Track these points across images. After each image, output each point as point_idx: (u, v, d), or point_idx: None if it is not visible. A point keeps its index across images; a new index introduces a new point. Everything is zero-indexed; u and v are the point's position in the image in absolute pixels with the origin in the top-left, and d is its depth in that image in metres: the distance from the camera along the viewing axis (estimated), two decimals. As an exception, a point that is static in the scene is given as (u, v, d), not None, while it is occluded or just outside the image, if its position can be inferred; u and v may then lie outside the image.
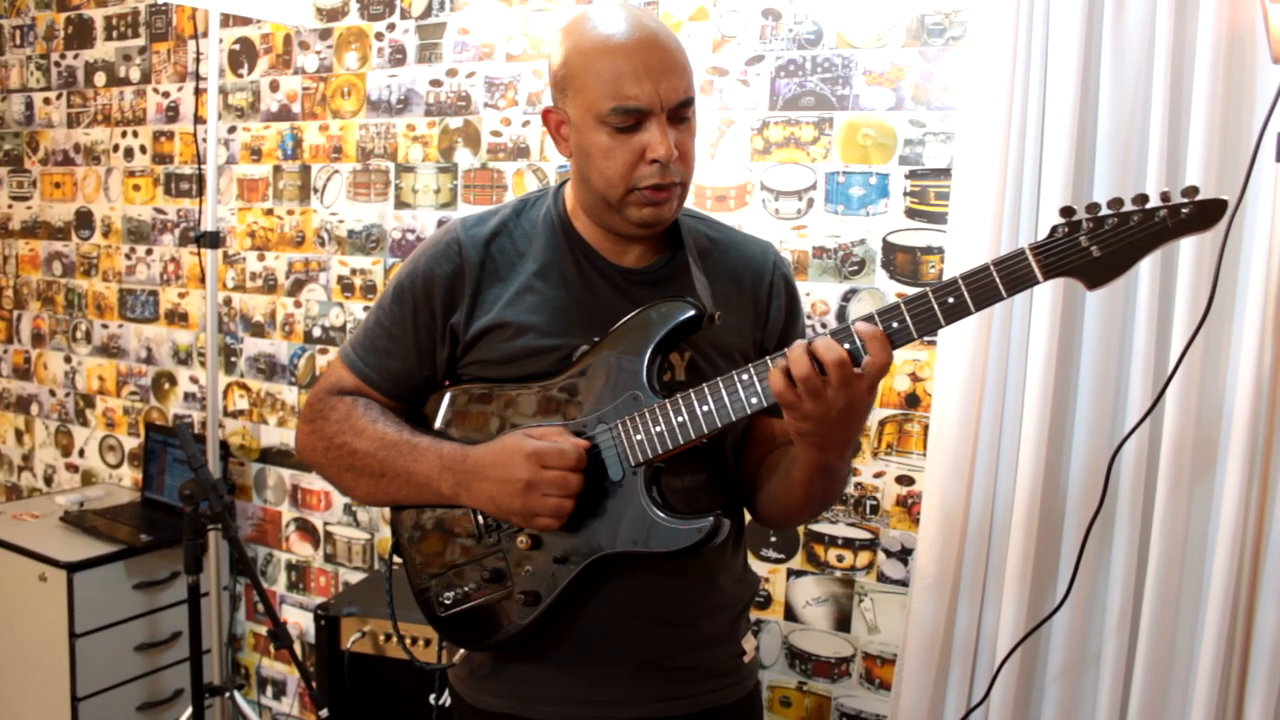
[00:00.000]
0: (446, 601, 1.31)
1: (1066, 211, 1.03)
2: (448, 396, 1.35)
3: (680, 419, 1.18)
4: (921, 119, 2.12)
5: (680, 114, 1.23)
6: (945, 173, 2.09)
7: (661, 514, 1.20)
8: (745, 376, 1.16)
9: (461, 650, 1.35)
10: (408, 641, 1.45)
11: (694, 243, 1.35)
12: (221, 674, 2.70)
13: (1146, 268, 1.83)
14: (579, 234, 1.34)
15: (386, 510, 2.77)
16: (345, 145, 2.86)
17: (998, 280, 1.04)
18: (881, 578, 2.23)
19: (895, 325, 1.08)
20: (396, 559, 1.39)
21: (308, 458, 1.38)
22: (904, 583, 2.19)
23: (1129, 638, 1.91)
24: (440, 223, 2.72)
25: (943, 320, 1.07)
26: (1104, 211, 1.02)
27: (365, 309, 2.86)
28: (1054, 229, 1.04)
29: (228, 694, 2.62)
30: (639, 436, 1.20)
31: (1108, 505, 1.83)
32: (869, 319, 1.09)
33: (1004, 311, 1.96)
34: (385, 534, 2.88)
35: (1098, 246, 1.01)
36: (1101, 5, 1.84)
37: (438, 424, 1.34)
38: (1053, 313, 1.89)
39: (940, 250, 2.10)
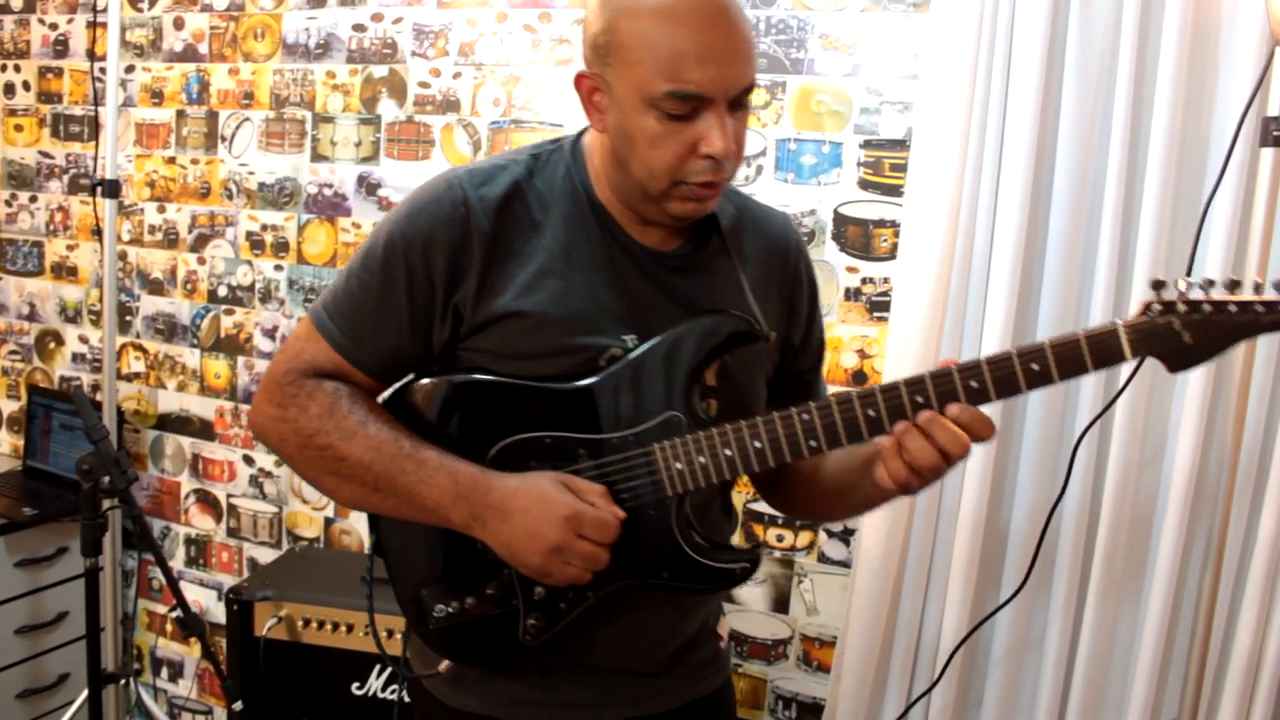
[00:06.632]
0: (439, 614, 1.16)
1: (1157, 285, 0.99)
2: (449, 388, 1.17)
3: (729, 453, 1.08)
4: (879, 87, 2.05)
5: (741, 101, 1.07)
6: (901, 144, 2.02)
7: (696, 553, 1.11)
8: (806, 417, 1.06)
9: (446, 662, 1.21)
10: (371, 631, 1.30)
11: (722, 220, 1.22)
12: (116, 659, 2.51)
13: (1105, 255, 1.81)
14: (604, 207, 1.17)
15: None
16: (257, 91, 2.65)
17: (1085, 352, 1.00)
18: (822, 558, 2.19)
19: (974, 384, 1.03)
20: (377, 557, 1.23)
21: (274, 447, 1.19)
22: (846, 564, 2.15)
23: (1074, 620, 1.90)
24: (360, 179, 2.54)
25: (1024, 386, 1.02)
26: (1196, 295, 0.98)
27: (276, 267, 2.67)
28: (1146, 305, 0.99)
29: (123, 681, 2.44)
30: (679, 465, 1.09)
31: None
32: (941, 375, 1.03)
33: (958, 290, 1.92)
34: (295, 508, 2.71)
35: (1190, 333, 0.98)
36: (1070, -25, 1.80)
37: (435, 419, 1.16)
38: (1009, 294, 1.85)
39: (894, 224, 2.04)
